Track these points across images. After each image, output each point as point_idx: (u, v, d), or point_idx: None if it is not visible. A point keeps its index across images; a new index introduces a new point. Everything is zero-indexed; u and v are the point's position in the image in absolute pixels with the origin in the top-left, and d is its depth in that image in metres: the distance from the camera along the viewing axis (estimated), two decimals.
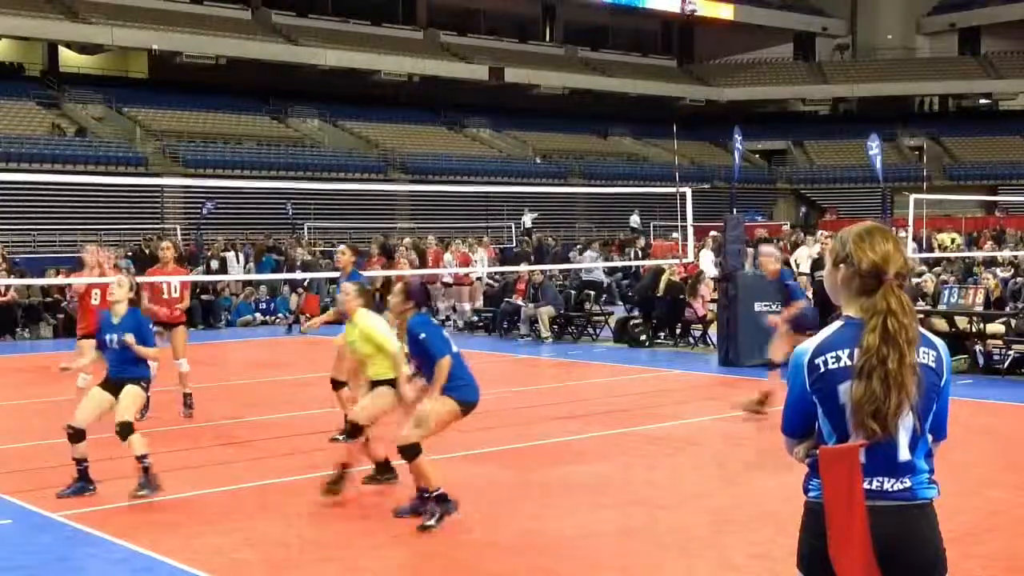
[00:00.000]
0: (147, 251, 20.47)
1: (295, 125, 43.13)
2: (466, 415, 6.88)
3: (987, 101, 57.06)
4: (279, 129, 42.57)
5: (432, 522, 6.55)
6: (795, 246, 22.96)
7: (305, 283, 21.94)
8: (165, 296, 10.85)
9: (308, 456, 8.95)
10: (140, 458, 7.34)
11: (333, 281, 24.48)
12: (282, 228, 31.67)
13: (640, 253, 28.13)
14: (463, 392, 6.77)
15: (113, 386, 7.55)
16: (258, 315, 23.33)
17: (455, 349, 6.84)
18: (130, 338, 7.44)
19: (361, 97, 45.95)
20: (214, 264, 24.24)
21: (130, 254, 23.17)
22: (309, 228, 32.61)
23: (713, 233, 21.97)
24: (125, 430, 7.34)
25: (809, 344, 2.91)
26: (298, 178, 36.21)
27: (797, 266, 19.24)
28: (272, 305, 23.63)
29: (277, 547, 6.36)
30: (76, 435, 7.43)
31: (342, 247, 9.87)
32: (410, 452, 6.60)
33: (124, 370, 7.55)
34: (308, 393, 12.37)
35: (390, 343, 7.32)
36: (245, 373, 14.69)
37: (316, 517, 7.03)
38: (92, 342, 8.25)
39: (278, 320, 23.01)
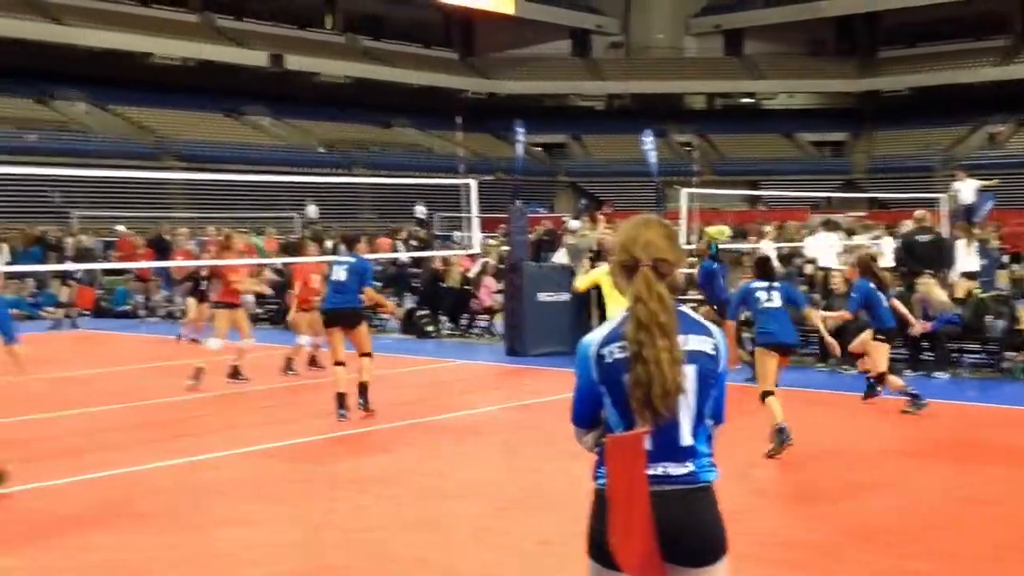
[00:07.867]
0: None
1: (61, 108, 40.91)
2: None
3: (750, 100, 60.07)
4: (43, 112, 40.29)
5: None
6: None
7: (77, 274, 20.91)
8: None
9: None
10: None
11: (111, 272, 23.44)
12: (49, 217, 30.11)
13: (414, 245, 27.85)
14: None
15: None
16: (15, 310, 21.94)
17: None
18: None
19: (132, 81, 43.98)
20: None
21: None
22: (79, 217, 31.12)
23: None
24: None
25: (596, 335, 2.97)
26: (64, 164, 34.29)
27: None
28: (39, 298, 22.31)
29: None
30: None
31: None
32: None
33: None
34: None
35: None
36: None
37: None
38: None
39: (45, 314, 21.76)
